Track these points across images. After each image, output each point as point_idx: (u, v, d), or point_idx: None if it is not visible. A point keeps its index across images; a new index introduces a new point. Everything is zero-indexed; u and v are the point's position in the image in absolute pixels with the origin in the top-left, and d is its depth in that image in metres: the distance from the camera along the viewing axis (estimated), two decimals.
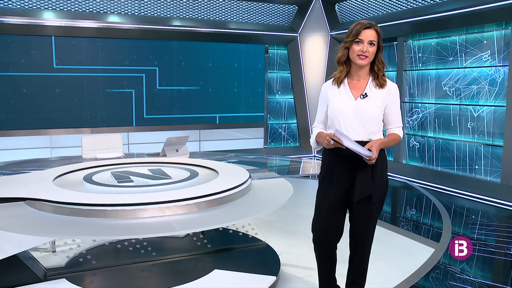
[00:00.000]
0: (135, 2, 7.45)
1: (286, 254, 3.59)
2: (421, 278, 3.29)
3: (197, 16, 7.98)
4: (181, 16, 7.85)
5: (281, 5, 8.59)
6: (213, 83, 8.30)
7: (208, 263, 3.21)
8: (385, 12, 7.57)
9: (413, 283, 3.20)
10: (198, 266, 3.17)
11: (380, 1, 7.59)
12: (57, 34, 7.00)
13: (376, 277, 3.05)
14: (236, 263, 3.19)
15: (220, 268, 3.03)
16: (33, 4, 6.81)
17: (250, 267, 3.11)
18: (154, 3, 7.59)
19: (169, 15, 7.76)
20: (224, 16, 8.22)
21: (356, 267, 2.54)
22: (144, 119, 7.80)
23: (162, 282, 3.02)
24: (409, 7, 7.10)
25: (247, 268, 3.08)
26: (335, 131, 2.27)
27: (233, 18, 8.31)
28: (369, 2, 7.82)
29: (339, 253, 2.57)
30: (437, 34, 6.87)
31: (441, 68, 6.86)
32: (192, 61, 8.08)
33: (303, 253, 3.48)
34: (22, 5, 6.74)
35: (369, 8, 7.85)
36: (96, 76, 7.38)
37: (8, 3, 6.64)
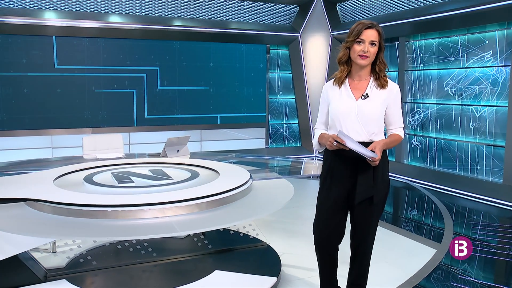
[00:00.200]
0: (136, 2, 7.45)
1: (287, 255, 3.58)
2: (422, 279, 3.28)
3: (198, 16, 7.97)
4: (183, 16, 7.85)
5: (283, 5, 8.58)
6: (214, 83, 8.29)
7: (208, 263, 3.21)
8: (386, 12, 7.55)
9: (415, 284, 3.19)
10: (199, 267, 3.16)
11: (382, 1, 7.58)
12: (58, 34, 7.01)
13: (377, 278, 3.05)
14: (237, 264, 3.19)
15: (220, 269, 3.02)
16: (34, 4, 6.81)
17: (251, 268, 3.11)
18: (155, 3, 7.59)
19: (170, 15, 7.75)
20: (225, 16, 8.21)
21: (357, 268, 2.53)
22: (145, 119, 7.80)
23: (163, 283, 3.02)
24: (410, 7, 7.09)
25: (248, 269, 3.07)
26: (338, 132, 2.25)
27: (234, 18, 8.30)
28: (370, 2, 7.80)
29: (340, 254, 2.56)
30: (439, 34, 6.86)
31: (442, 68, 6.84)
32: (193, 61, 8.08)
33: (304, 254, 3.48)
34: (23, 5, 6.74)
35: (371, 8, 7.84)
36: (97, 76, 7.38)
37: (9, 3, 6.65)
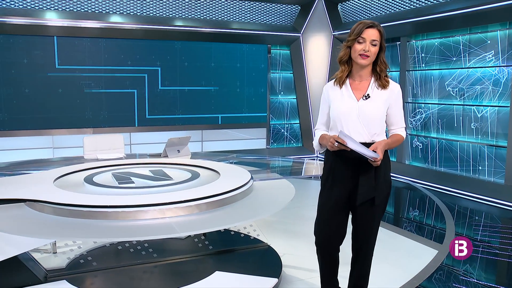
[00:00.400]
0: (138, 2, 7.44)
1: (288, 256, 3.57)
2: (424, 280, 3.27)
3: (199, 16, 7.97)
4: (184, 16, 7.84)
5: (284, 5, 8.57)
6: (215, 83, 8.28)
7: (209, 264, 3.20)
8: (388, 12, 7.54)
9: (416, 285, 3.18)
10: (200, 268, 3.15)
11: (383, 1, 7.56)
12: (60, 34, 7.00)
13: (378, 278, 3.03)
14: (238, 264, 3.18)
15: (221, 270, 3.02)
16: (35, 5, 6.81)
17: (252, 269, 3.10)
18: (157, 3, 7.59)
19: (171, 15, 7.75)
20: (226, 16, 8.20)
21: (358, 269, 2.52)
22: (146, 119, 7.79)
23: (163, 284, 3.02)
24: (412, 7, 7.07)
25: (248, 270, 3.06)
26: (339, 132, 2.23)
27: (235, 18, 8.29)
28: (372, 2, 7.78)
29: (342, 255, 2.54)
30: (441, 34, 6.84)
31: (444, 68, 6.82)
32: (194, 61, 8.07)
33: (305, 255, 3.47)
34: (24, 5, 6.74)
35: (372, 8, 7.82)
36: (98, 77, 7.38)
37: (10, 3, 6.65)
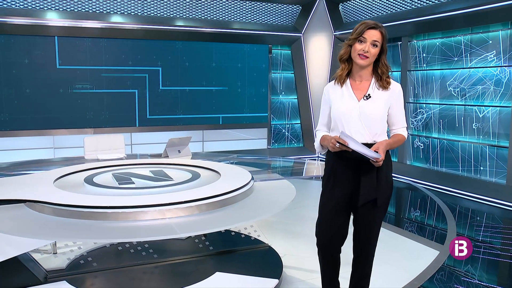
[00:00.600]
0: (138, 2, 7.44)
1: (288, 256, 3.56)
2: (425, 280, 3.26)
3: (200, 16, 7.96)
4: (185, 16, 7.83)
5: (285, 5, 8.56)
6: (216, 83, 8.27)
7: (210, 265, 3.19)
8: (389, 12, 7.52)
9: (418, 286, 3.17)
10: (200, 269, 3.14)
11: (384, 0, 7.54)
12: (60, 35, 7.00)
13: (380, 279, 3.03)
14: (238, 265, 3.17)
15: (222, 271, 3.01)
16: (36, 5, 6.81)
17: (252, 270, 3.09)
18: (158, 3, 7.58)
19: (172, 15, 7.74)
20: (227, 16, 8.20)
21: (360, 270, 2.51)
22: (147, 119, 7.79)
23: (164, 285, 3.01)
24: (413, 6, 7.05)
25: (249, 270, 3.05)
26: (341, 133, 2.22)
27: (236, 18, 8.28)
28: (373, 2, 7.77)
29: (343, 256, 2.53)
30: (442, 34, 6.82)
31: (445, 68, 6.81)
32: (195, 61, 8.06)
33: (306, 255, 3.46)
34: (25, 5, 6.73)
35: (373, 8, 7.81)
36: (99, 77, 7.37)
37: (11, 3, 6.64)
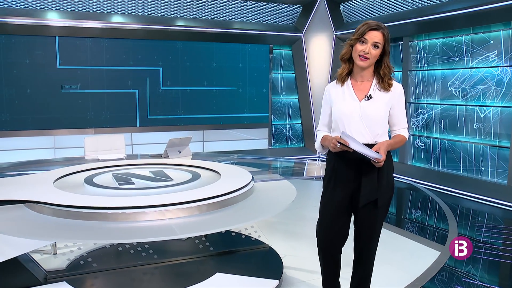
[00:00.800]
0: (139, 2, 7.43)
1: (289, 257, 3.55)
2: (426, 281, 3.25)
3: (201, 16, 7.95)
4: (185, 16, 7.83)
5: (286, 5, 8.55)
6: (217, 83, 8.27)
7: (210, 266, 3.18)
8: (390, 12, 7.51)
9: (419, 286, 3.16)
10: (200, 269, 3.14)
11: (385, 0, 7.53)
12: (61, 35, 7.00)
13: (380, 280, 3.02)
14: (239, 266, 3.16)
15: (222, 271, 2.99)
16: (37, 5, 6.81)
17: (253, 271, 3.08)
18: (158, 3, 7.57)
19: (173, 15, 7.73)
20: (228, 16, 8.19)
21: (360, 271, 2.50)
22: (147, 119, 7.78)
23: (164, 285, 3.00)
24: (414, 6, 7.04)
25: (249, 271, 3.04)
26: (342, 133, 2.21)
27: (237, 18, 8.27)
28: (374, 2, 7.76)
29: (343, 257, 2.52)
30: (443, 34, 6.81)
31: (447, 68, 6.79)
32: (196, 61, 8.06)
33: (307, 256, 3.45)
34: (26, 5, 6.73)
35: (374, 8, 7.79)
36: (99, 77, 7.37)
37: (12, 3, 6.64)
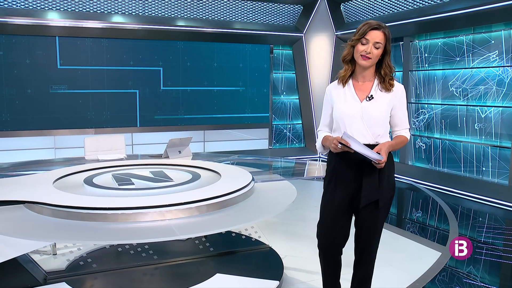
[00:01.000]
0: (140, 2, 7.43)
1: (289, 258, 3.54)
2: (427, 282, 3.24)
3: (201, 16, 7.94)
4: (186, 16, 7.82)
5: (286, 5, 8.54)
6: (218, 83, 8.26)
7: (210, 266, 3.17)
8: (391, 11, 7.50)
9: (420, 287, 3.14)
10: (200, 270, 3.13)
11: (386, 0, 7.52)
12: (61, 35, 6.99)
13: (381, 281, 3.01)
14: (239, 267, 3.16)
15: (222, 272, 2.99)
16: (37, 5, 6.80)
17: (253, 271, 3.07)
18: (159, 3, 7.57)
19: (173, 15, 7.73)
20: (229, 16, 8.18)
21: (361, 272, 2.49)
22: (148, 119, 7.77)
23: (164, 286, 3.00)
24: (415, 6, 7.03)
25: (249, 272, 3.04)
26: (343, 133, 2.20)
27: (238, 18, 8.27)
28: (375, 2, 7.74)
29: (344, 257, 2.51)
30: (444, 34, 6.79)
31: (447, 68, 6.78)
32: (196, 61, 8.05)
33: (307, 257, 3.44)
34: (26, 5, 6.73)
35: (375, 8, 7.78)
36: (100, 77, 7.36)
37: (12, 3, 6.64)
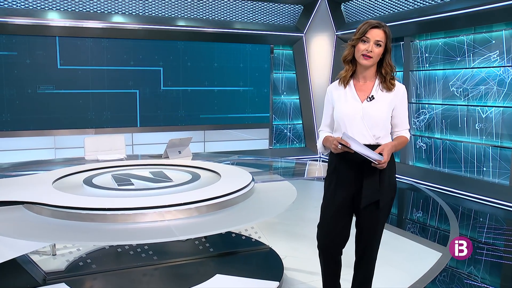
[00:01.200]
0: (140, 2, 7.42)
1: (289, 258, 3.54)
2: (428, 283, 3.23)
3: (202, 16, 7.94)
4: (186, 16, 7.81)
5: (287, 5, 8.53)
6: (218, 83, 8.25)
7: (210, 267, 3.16)
8: (391, 11, 7.49)
9: None
10: (200, 271, 3.12)
11: (387, 0, 7.51)
12: (62, 35, 6.99)
13: (382, 281, 3.00)
14: (239, 267, 3.15)
15: (222, 273, 2.98)
16: (37, 5, 6.80)
17: (253, 272, 3.06)
18: (159, 3, 7.56)
19: (174, 15, 7.72)
20: (229, 16, 8.17)
21: (362, 273, 2.48)
22: (148, 119, 7.76)
23: (164, 287, 2.98)
24: (416, 6, 7.01)
25: (249, 272, 3.03)
26: (343, 134, 2.19)
27: (238, 18, 8.26)
28: (375, 2, 7.73)
29: (344, 258, 2.50)
30: (445, 34, 6.78)
31: (448, 68, 6.77)
32: (197, 61, 8.04)
33: (307, 257, 3.43)
34: (26, 5, 6.73)
35: (375, 8, 7.77)
36: (100, 77, 7.36)
37: (12, 3, 6.63)
